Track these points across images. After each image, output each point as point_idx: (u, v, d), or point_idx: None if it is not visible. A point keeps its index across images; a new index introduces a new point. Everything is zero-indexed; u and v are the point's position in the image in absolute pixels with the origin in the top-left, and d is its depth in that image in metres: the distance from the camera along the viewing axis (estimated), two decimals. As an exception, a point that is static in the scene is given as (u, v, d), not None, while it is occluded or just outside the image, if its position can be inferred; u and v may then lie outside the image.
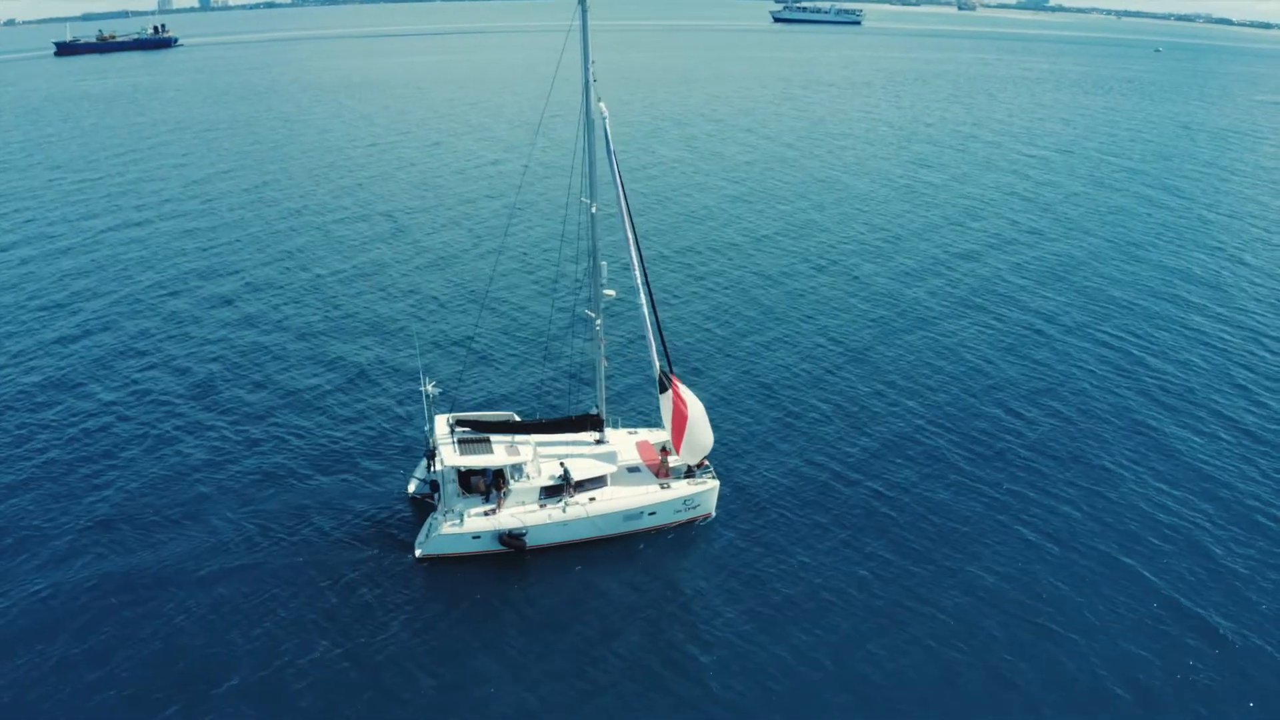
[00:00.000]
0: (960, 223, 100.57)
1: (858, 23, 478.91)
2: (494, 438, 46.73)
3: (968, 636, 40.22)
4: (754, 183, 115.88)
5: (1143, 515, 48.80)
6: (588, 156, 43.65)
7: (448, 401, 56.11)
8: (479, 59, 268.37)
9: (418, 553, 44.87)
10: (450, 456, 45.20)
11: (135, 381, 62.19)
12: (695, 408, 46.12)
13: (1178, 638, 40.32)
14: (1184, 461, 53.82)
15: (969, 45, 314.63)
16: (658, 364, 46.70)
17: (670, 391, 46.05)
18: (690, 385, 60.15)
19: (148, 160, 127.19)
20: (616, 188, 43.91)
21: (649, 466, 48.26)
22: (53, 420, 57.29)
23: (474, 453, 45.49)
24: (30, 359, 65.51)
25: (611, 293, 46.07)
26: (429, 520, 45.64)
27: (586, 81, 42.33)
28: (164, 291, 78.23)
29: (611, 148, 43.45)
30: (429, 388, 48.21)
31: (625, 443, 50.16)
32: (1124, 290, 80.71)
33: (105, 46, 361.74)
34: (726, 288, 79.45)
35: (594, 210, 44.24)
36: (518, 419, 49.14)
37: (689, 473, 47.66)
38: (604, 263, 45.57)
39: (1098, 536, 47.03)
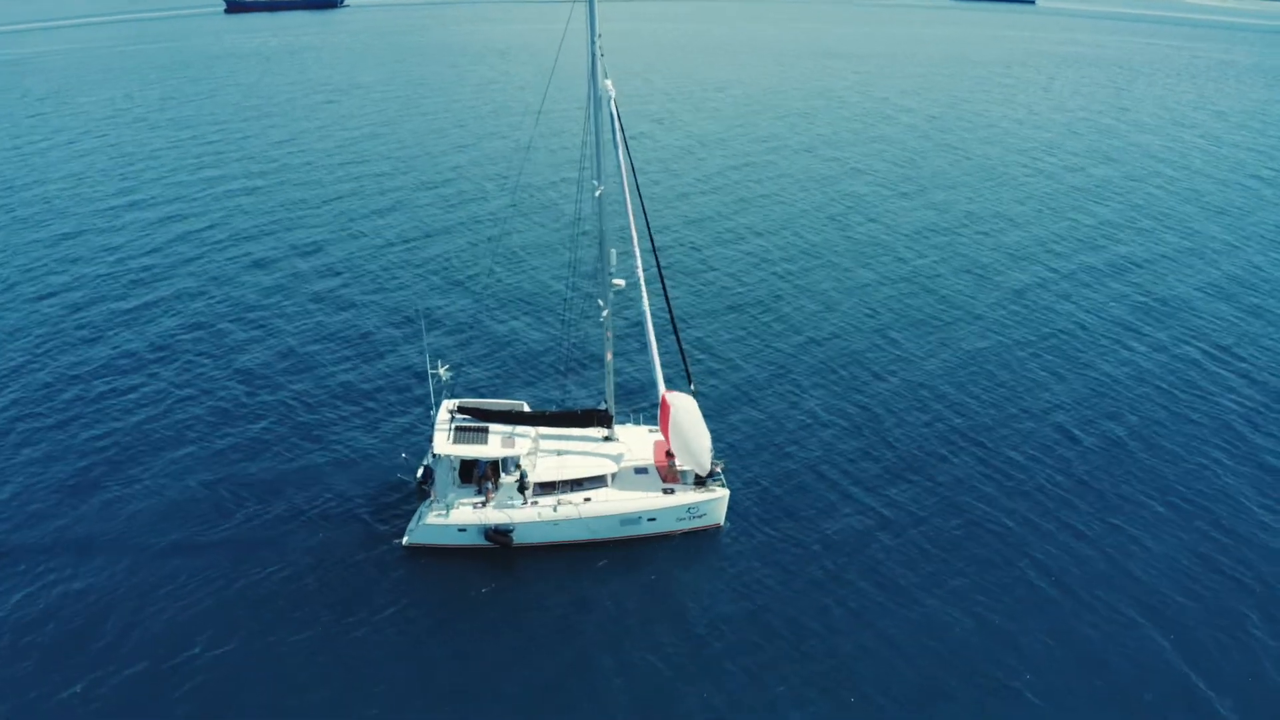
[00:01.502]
0: (1084, 214, 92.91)
1: (1032, 1, 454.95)
2: (493, 427, 45.04)
3: (928, 698, 36.42)
4: (880, 166, 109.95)
5: (1179, 569, 43.44)
6: (594, 138, 41.07)
7: (462, 386, 55.15)
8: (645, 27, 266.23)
9: (404, 541, 43.74)
10: (442, 444, 43.82)
11: (181, 342, 63.38)
12: (680, 405, 43.39)
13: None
14: (1250, 511, 47.68)
15: (1146, 30, 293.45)
16: (658, 365, 44.14)
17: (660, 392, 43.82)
18: (737, 383, 57.65)
19: (288, 123, 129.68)
20: (622, 171, 41.34)
21: (660, 469, 45.67)
22: (87, 377, 58.78)
23: (468, 442, 43.96)
24: (90, 321, 67.46)
25: (620, 282, 43.61)
26: (420, 508, 44.36)
27: (593, 55, 39.70)
28: (254, 253, 79.50)
29: (618, 128, 40.85)
30: (441, 371, 46.95)
31: (641, 441, 47.67)
32: (1249, 304, 72.68)
33: (274, 5, 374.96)
34: (810, 275, 75.39)
35: (597, 194, 41.72)
36: (526, 408, 47.25)
37: (700, 479, 44.83)
38: (613, 250, 43.03)
39: (1116, 588, 42.16)
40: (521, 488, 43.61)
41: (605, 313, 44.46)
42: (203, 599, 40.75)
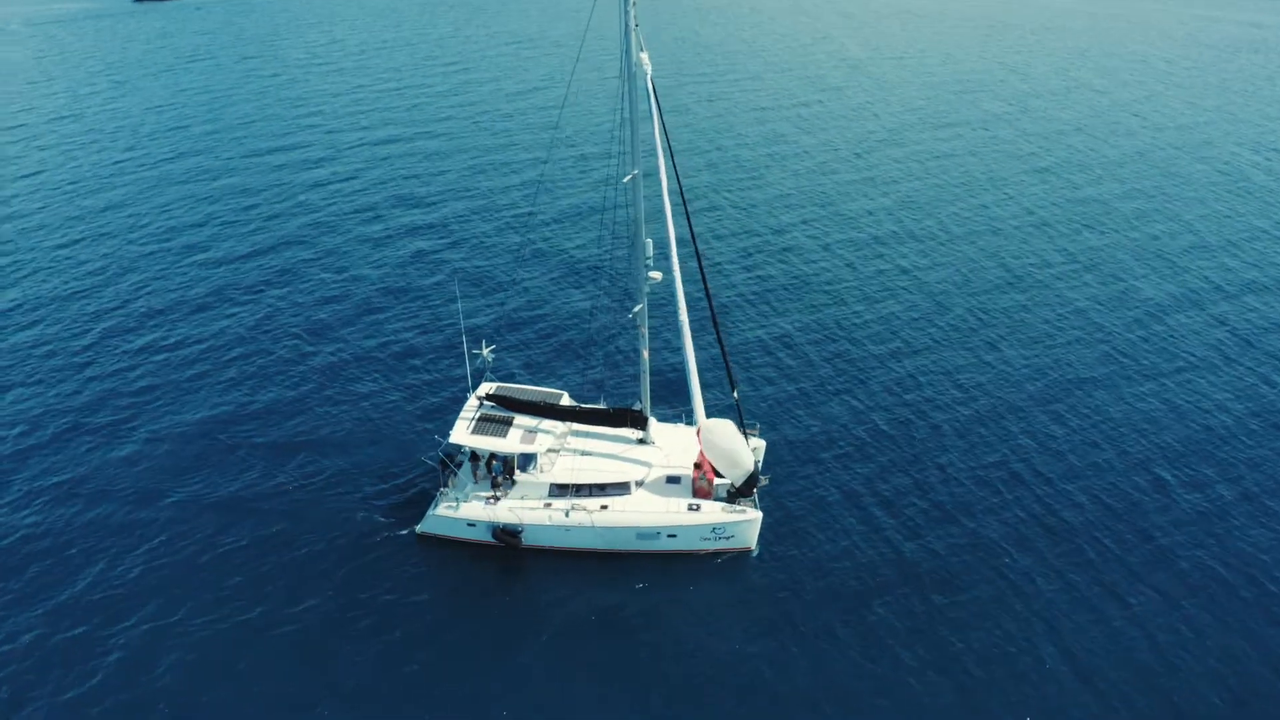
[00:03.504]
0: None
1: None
2: (518, 419, 43.32)
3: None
4: (1062, 152, 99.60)
5: (1241, 673, 36.64)
6: (630, 116, 38.11)
7: (505, 370, 54.21)
8: None
9: (417, 529, 42.93)
10: (460, 433, 42.64)
11: (266, 296, 65.20)
12: (712, 432, 40.85)
13: None
14: None
15: None
16: (696, 384, 41.18)
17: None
18: (804, 391, 53.58)
19: (460, 76, 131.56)
20: (659, 154, 38.25)
21: (694, 480, 42.56)
22: (173, 322, 61.45)
23: (487, 433, 42.55)
24: (204, 265, 70.20)
25: (657, 275, 40.65)
26: (436, 496, 43.30)
27: (626, 25, 36.66)
28: (369, 212, 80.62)
29: (656, 106, 37.71)
30: (484, 351, 45.62)
31: (684, 446, 44.52)
32: None
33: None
34: (944, 281, 68.70)
35: (627, 179, 38.79)
36: (566, 399, 45.22)
37: (733, 496, 41.60)
38: (649, 240, 40.09)
39: (1157, 689, 35.87)
40: (494, 484, 42.15)
41: (639, 306, 41.67)
42: (205, 563, 41.62)
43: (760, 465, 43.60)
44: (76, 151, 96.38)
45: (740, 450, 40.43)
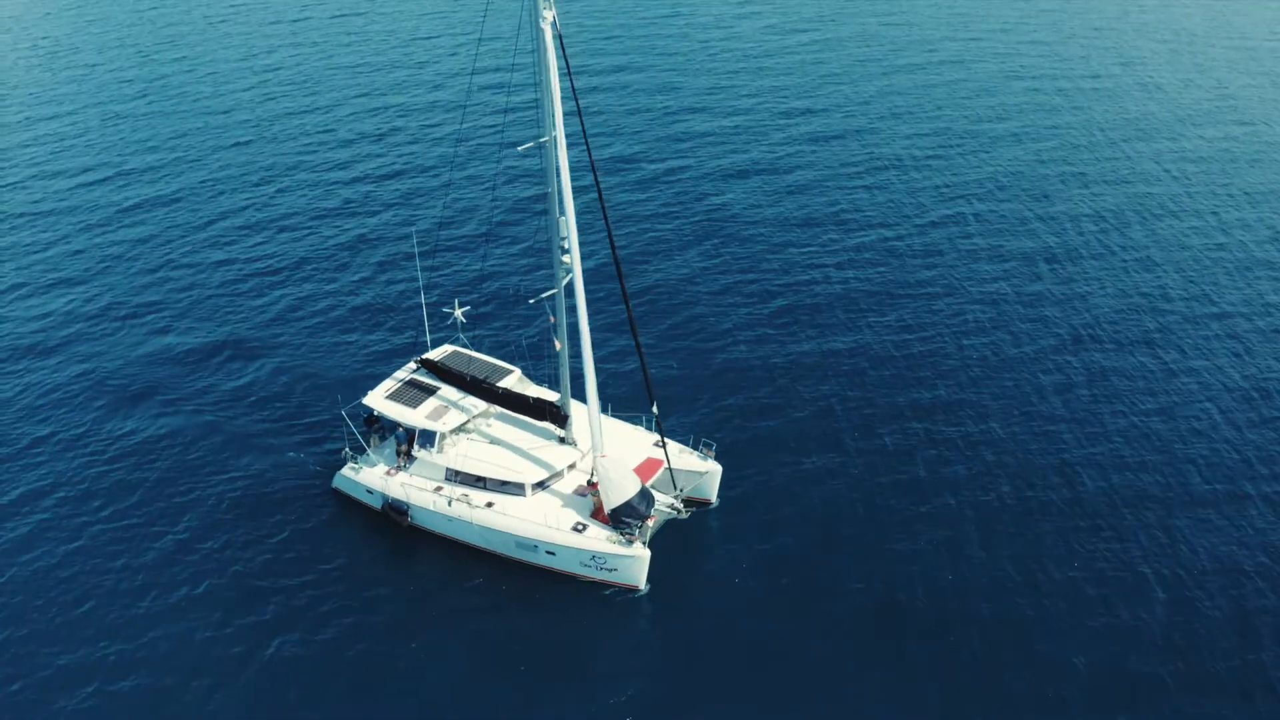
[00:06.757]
0: None
1: None
2: (443, 391, 41.20)
3: None
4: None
5: None
6: (540, 79, 33.93)
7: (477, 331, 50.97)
8: None
9: (332, 483, 42.18)
10: (376, 396, 41.56)
11: (314, 230, 64.55)
12: (604, 469, 36.92)
13: None
14: None
15: None
16: (592, 386, 36.75)
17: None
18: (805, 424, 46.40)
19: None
20: (556, 122, 33.78)
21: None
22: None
23: (401, 401, 41.01)
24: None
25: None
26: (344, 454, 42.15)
27: (528, -28, 32.32)
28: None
29: (557, 68, 33.31)
30: (457, 312, 43.47)
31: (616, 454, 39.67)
32: None
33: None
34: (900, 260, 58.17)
35: (522, 149, 34.66)
36: (514, 378, 42.33)
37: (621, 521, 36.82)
38: (564, 218, 35.80)
39: None
40: (397, 452, 40.82)
41: (552, 292, 37.71)
42: (110, 468, 43.66)
43: (686, 492, 38.73)
44: (283, 54, 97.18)
45: (614, 494, 36.17)
